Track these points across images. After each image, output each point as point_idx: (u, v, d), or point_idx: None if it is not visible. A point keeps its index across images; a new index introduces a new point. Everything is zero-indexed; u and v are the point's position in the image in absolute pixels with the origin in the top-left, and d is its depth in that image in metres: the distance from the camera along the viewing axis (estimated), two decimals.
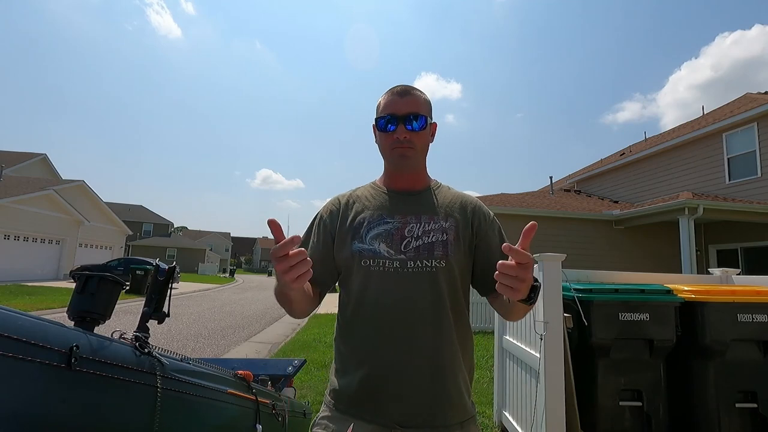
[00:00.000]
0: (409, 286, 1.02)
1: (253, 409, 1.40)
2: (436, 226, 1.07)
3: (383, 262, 1.04)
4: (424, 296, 1.02)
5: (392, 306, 1.02)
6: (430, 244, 1.05)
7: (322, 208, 1.19)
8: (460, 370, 1.05)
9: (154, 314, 1.19)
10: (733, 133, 10.54)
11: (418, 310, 1.01)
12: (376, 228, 1.08)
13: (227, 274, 42.77)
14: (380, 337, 1.01)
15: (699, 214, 8.87)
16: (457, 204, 1.14)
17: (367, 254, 1.05)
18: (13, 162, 23.72)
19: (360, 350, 1.04)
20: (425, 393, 1.00)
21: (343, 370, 1.07)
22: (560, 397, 2.50)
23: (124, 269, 16.93)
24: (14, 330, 0.76)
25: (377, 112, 1.13)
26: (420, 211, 1.10)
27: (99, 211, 24.09)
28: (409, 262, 1.03)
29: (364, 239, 1.07)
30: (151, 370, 1.01)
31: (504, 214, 10.29)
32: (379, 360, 1.01)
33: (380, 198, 1.14)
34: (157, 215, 48.06)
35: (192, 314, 10.86)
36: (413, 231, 1.06)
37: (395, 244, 1.05)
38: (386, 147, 1.10)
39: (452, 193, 1.18)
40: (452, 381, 1.03)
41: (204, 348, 6.78)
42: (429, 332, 1.01)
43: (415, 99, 1.10)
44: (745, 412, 2.69)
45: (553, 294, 2.61)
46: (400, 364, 1.00)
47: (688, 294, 2.79)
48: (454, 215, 1.11)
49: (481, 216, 1.14)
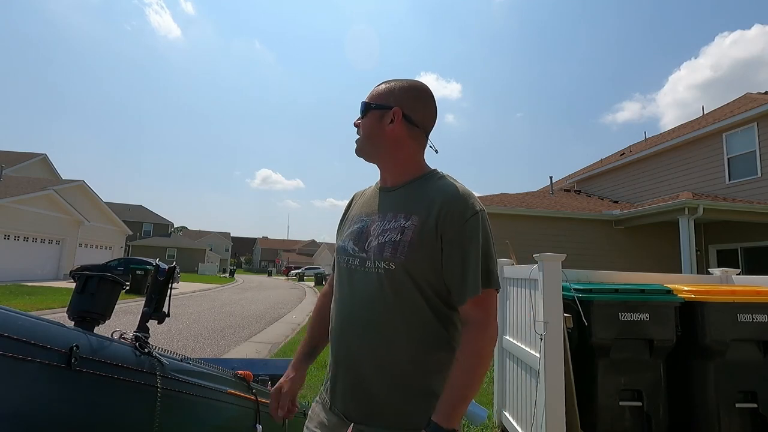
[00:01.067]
0: (361, 286, 1.02)
1: (253, 409, 1.40)
2: (394, 225, 1.01)
3: (349, 260, 1.07)
4: (371, 298, 1.00)
5: (348, 304, 1.05)
6: (382, 244, 1.00)
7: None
8: (409, 376, 0.97)
9: (154, 314, 1.19)
10: (733, 133, 10.53)
11: (368, 312, 1.00)
12: (352, 226, 1.12)
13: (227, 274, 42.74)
14: (338, 334, 1.06)
15: (699, 214, 8.87)
16: (429, 199, 1.01)
17: (340, 251, 1.11)
18: (13, 162, 23.72)
19: (330, 343, 1.11)
20: (369, 391, 0.99)
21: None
22: (560, 397, 2.50)
23: (124, 269, 16.92)
24: (14, 330, 0.76)
25: None
26: (387, 209, 1.06)
27: (99, 211, 24.09)
28: (368, 261, 1.02)
29: (343, 236, 1.13)
30: (151, 370, 1.01)
31: (504, 214, 10.29)
32: (336, 354, 1.06)
33: (368, 196, 1.18)
34: (157, 215, 48.06)
35: (192, 314, 10.86)
36: (375, 229, 1.05)
37: (361, 242, 1.06)
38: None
39: (433, 186, 1.04)
40: (399, 385, 0.97)
41: (204, 348, 6.77)
42: (377, 335, 0.98)
43: (377, 89, 1.12)
44: (745, 412, 2.69)
45: (553, 294, 2.61)
46: (349, 361, 1.02)
47: (688, 294, 2.79)
48: (419, 212, 0.99)
49: (452, 215, 0.97)
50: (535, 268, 2.80)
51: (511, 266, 3.47)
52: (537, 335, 2.65)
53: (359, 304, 1.02)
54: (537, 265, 2.76)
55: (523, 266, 3.12)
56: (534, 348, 2.76)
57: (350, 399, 1.02)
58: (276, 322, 10.21)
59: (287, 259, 60.40)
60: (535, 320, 2.71)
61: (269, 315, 11.45)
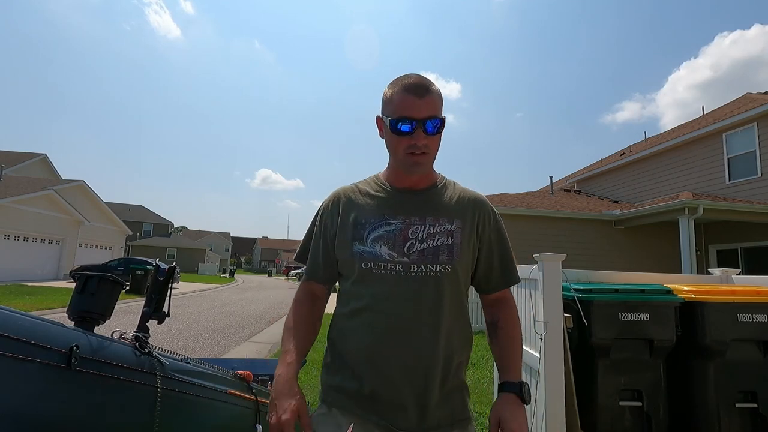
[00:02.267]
0: (411, 291, 0.99)
1: (253, 409, 1.40)
2: (441, 229, 1.04)
3: (384, 266, 1.01)
4: (426, 302, 0.99)
5: (393, 311, 0.99)
6: (435, 248, 1.02)
7: (324, 203, 1.16)
8: (459, 372, 1.05)
9: (154, 314, 1.19)
10: (733, 133, 10.54)
11: (420, 316, 0.99)
12: (378, 229, 1.04)
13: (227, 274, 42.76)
14: (381, 343, 0.99)
15: (699, 214, 8.87)
16: (463, 204, 1.10)
17: (368, 257, 1.02)
18: (13, 162, 23.72)
19: (361, 353, 1.01)
20: (425, 397, 0.97)
21: (341, 369, 1.05)
22: (560, 397, 2.50)
23: (124, 269, 16.91)
24: (14, 330, 0.76)
25: (388, 107, 1.04)
26: (425, 212, 1.06)
27: (99, 211, 24.09)
28: (413, 265, 1.00)
29: (365, 241, 1.03)
30: (151, 370, 1.01)
31: (504, 214, 10.24)
32: (381, 365, 0.98)
33: (383, 196, 1.09)
34: (157, 215, 48.07)
35: (192, 314, 10.86)
36: (417, 233, 1.03)
37: (398, 246, 1.01)
38: (399, 150, 1.02)
39: (459, 190, 1.13)
40: (454, 384, 1.03)
41: (204, 348, 6.77)
42: (430, 338, 0.99)
43: (434, 99, 1.01)
44: (745, 412, 2.69)
45: (553, 294, 2.61)
46: (401, 370, 0.97)
47: (688, 294, 2.79)
48: (461, 216, 1.07)
49: (486, 217, 1.11)
50: (535, 268, 2.80)
51: None
52: (537, 335, 2.65)
53: (421, 311, 0.99)
54: (537, 265, 2.76)
55: (523, 266, 3.12)
56: (534, 348, 2.76)
57: (414, 407, 0.97)
58: (276, 322, 10.21)
59: (287, 260, 60.34)
60: (535, 320, 2.71)
61: (269, 315, 11.45)
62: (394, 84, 1.04)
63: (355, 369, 1.01)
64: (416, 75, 1.04)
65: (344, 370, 1.03)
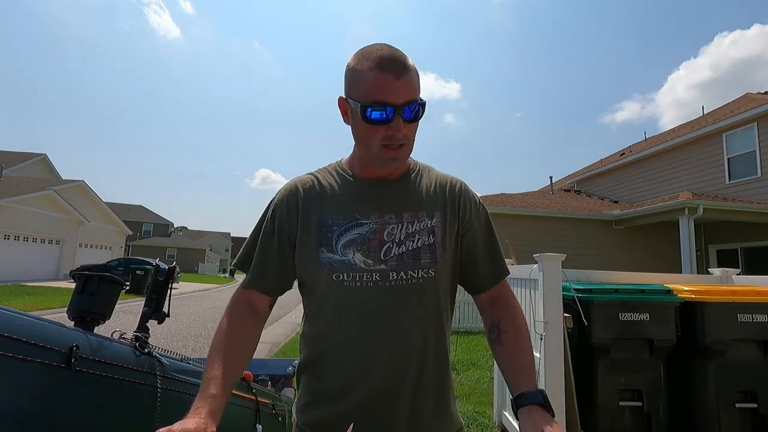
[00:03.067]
0: (392, 302, 0.86)
1: (253, 409, 1.40)
2: (420, 226, 0.90)
3: (360, 276, 0.86)
4: (409, 312, 0.87)
5: (374, 326, 0.86)
6: (416, 250, 0.88)
7: (276, 198, 0.95)
8: (446, 380, 0.94)
9: (154, 314, 1.19)
10: (733, 133, 10.54)
11: (404, 328, 0.87)
12: (348, 232, 0.88)
13: (227, 274, 42.79)
14: (363, 362, 0.86)
15: (699, 214, 8.87)
16: (443, 192, 0.95)
17: (339, 267, 0.86)
18: (13, 162, 23.72)
19: (341, 375, 0.88)
20: (415, 410, 0.87)
21: (317, 400, 0.90)
22: (560, 397, 2.50)
23: (124, 269, 16.92)
24: (14, 330, 0.76)
25: (356, 86, 0.83)
26: (400, 208, 0.91)
27: (99, 211, 24.09)
28: (392, 273, 0.86)
29: (335, 248, 0.87)
30: (151, 370, 1.01)
31: (504, 214, 10.30)
32: (366, 385, 0.86)
33: (349, 190, 0.92)
34: (157, 215, 48.09)
35: (192, 314, 10.86)
36: (394, 234, 0.88)
37: (373, 251, 0.86)
38: (373, 142, 0.84)
39: (435, 176, 0.98)
40: (441, 393, 0.92)
41: (204, 348, 6.77)
42: (416, 350, 0.87)
43: (412, 78, 0.82)
44: (745, 412, 2.69)
45: (553, 294, 2.61)
46: (388, 387, 0.86)
47: (688, 294, 2.79)
48: (441, 208, 0.93)
49: (469, 203, 0.96)
50: (535, 268, 2.79)
51: (511, 266, 3.46)
52: (537, 335, 2.65)
53: (402, 325, 0.86)
54: (537, 265, 2.76)
55: (523, 266, 3.12)
56: (534, 348, 2.75)
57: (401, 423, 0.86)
58: (276, 322, 10.22)
59: None
60: (535, 320, 2.71)
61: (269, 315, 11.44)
62: (363, 57, 0.83)
63: (342, 392, 0.87)
64: (388, 46, 0.84)
65: (329, 397, 0.89)
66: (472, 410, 3.90)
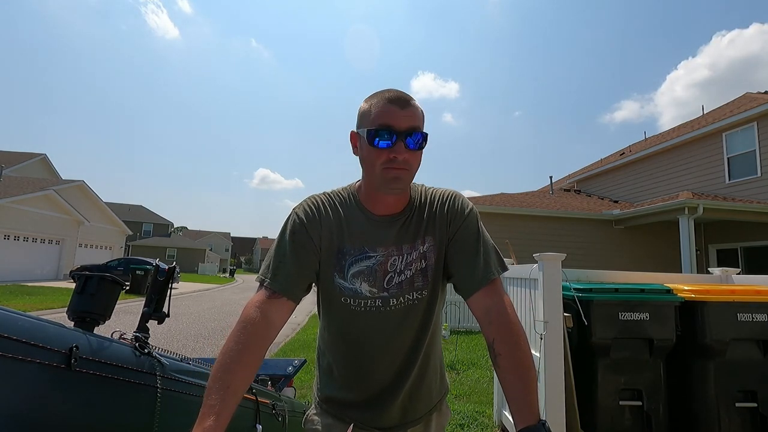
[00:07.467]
0: (391, 324, 1.01)
1: (253, 409, 1.40)
2: (416, 255, 1.01)
3: (364, 303, 0.99)
4: (406, 329, 1.02)
5: (375, 344, 1.02)
6: (412, 276, 1.00)
7: (303, 210, 1.02)
8: (435, 372, 1.11)
9: (154, 314, 1.19)
10: (732, 132, 10.54)
11: (401, 341, 1.03)
12: (358, 263, 0.99)
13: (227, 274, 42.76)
14: (365, 370, 1.04)
15: (699, 214, 8.88)
16: (434, 213, 1.04)
17: (347, 293, 0.99)
18: (13, 162, 23.71)
19: (346, 376, 1.06)
20: (408, 402, 1.06)
21: (330, 384, 1.09)
22: (560, 397, 2.50)
23: (124, 269, 16.92)
24: (14, 330, 0.76)
25: (365, 120, 0.95)
26: (401, 240, 1.01)
27: (99, 211, 24.08)
28: (392, 299, 0.99)
29: (345, 275, 0.99)
30: (151, 371, 1.01)
31: (504, 214, 10.29)
32: (365, 388, 1.04)
33: (363, 223, 1.02)
34: (157, 215, 48.08)
35: (192, 314, 10.86)
36: (396, 265, 1.00)
37: (378, 281, 0.99)
38: (376, 165, 0.92)
39: (428, 198, 1.06)
40: (431, 384, 1.10)
41: (204, 348, 6.77)
42: (412, 357, 1.04)
43: (416, 111, 0.94)
44: (745, 411, 2.69)
45: (553, 293, 2.61)
46: (384, 390, 1.04)
47: (688, 293, 2.79)
48: (431, 231, 1.03)
49: (456, 215, 1.03)
50: (535, 267, 2.79)
51: (511, 266, 3.47)
52: (537, 335, 2.65)
53: (393, 341, 1.02)
54: (537, 264, 2.76)
55: (523, 266, 3.12)
56: (534, 347, 2.76)
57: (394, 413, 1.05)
58: None
59: None
60: (535, 320, 2.71)
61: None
62: (373, 97, 0.96)
63: (348, 387, 1.06)
64: (396, 89, 0.96)
65: (339, 386, 1.08)
66: (472, 410, 3.90)
